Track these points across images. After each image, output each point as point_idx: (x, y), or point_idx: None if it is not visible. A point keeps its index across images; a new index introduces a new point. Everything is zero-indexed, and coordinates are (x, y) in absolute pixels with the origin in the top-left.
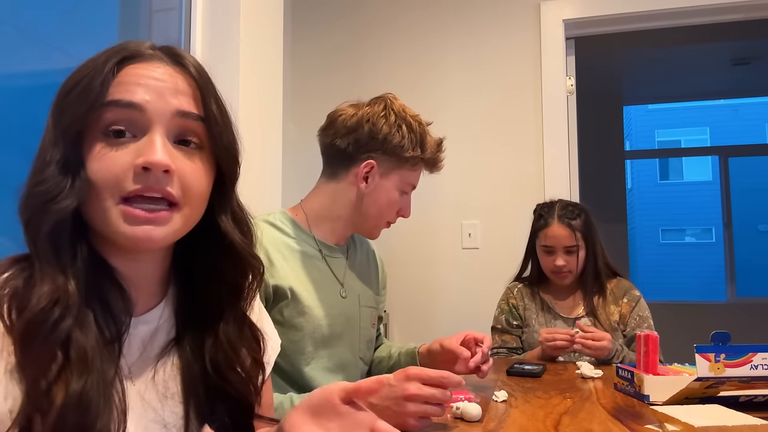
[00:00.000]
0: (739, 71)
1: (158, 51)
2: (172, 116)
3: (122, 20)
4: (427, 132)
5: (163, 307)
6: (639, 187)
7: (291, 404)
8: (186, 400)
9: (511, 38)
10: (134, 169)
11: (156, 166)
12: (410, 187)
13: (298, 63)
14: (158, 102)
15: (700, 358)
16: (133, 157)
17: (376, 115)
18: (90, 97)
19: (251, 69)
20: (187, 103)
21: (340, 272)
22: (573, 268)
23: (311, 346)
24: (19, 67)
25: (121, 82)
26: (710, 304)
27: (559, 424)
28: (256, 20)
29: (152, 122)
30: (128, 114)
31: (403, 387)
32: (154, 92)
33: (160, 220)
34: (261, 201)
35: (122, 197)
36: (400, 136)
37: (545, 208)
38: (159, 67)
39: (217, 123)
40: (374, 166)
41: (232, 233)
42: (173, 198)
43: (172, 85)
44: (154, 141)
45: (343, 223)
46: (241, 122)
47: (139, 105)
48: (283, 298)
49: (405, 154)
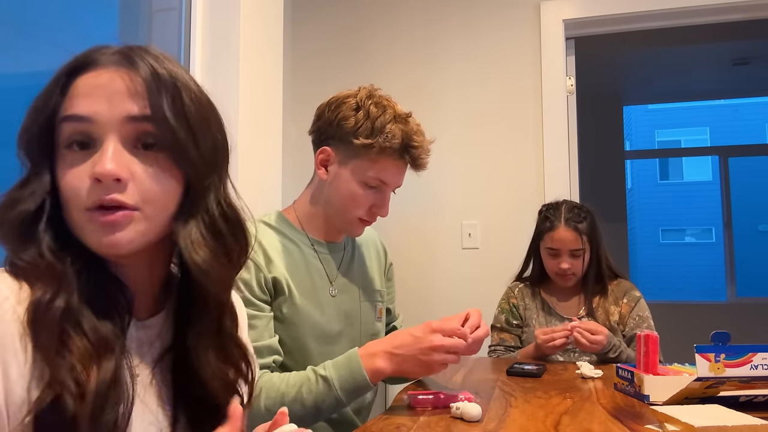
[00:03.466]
0: (739, 71)
1: (114, 55)
2: (123, 122)
3: (122, 20)
4: (391, 121)
5: (165, 315)
6: (639, 187)
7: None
8: (175, 404)
9: (511, 38)
10: (90, 180)
11: (105, 177)
12: (376, 181)
13: (298, 62)
14: (108, 110)
15: (700, 358)
16: (89, 168)
17: (338, 101)
18: (44, 114)
19: (251, 69)
20: (139, 106)
21: (333, 270)
22: (577, 270)
23: (313, 343)
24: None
25: (73, 95)
26: (710, 304)
27: (559, 424)
28: (256, 20)
29: (105, 131)
30: (82, 126)
31: (429, 339)
32: (104, 101)
33: (122, 223)
34: (261, 201)
35: (86, 207)
36: (353, 122)
37: (551, 209)
38: (110, 71)
39: (167, 122)
40: (330, 154)
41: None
42: (128, 206)
43: (118, 89)
44: (105, 151)
45: (323, 218)
46: (241, 122)
47: (89, 117)
48: (281, 293)
49: (355, 141)
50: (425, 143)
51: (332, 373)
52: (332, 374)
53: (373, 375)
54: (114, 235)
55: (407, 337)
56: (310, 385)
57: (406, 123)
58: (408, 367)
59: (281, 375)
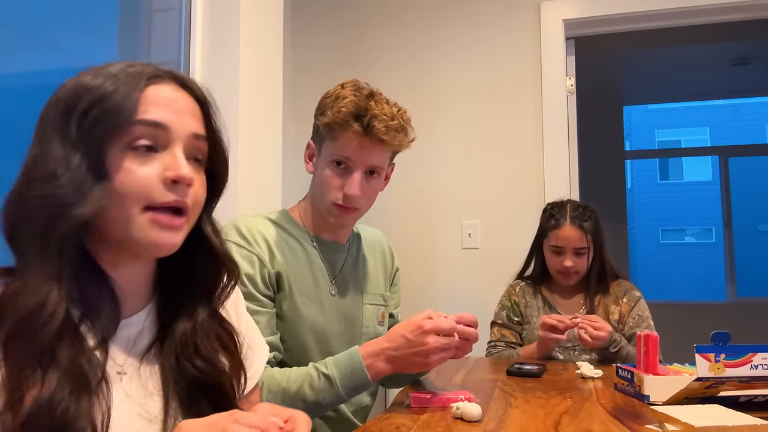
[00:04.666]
0: (739, 71)
1: (168, 74)
2: (189, 137)
3: (122, 20)
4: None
5: (149, 310)
6: (639, 187)
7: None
8: (165, 394)
9: (511, 38)
10: (164, 181)
11: (184, 180)
12: (342, 160)
13: (298, 62)
14: (179, 123)
15: (700, 358)
16: (160, 170)
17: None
18: (125, 112)
19: (251, 69)
20: (198, 125)
21: (335, 269)
22: (580, 269)
23: (312, 341)
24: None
25: (148, 102)
26: (710, 304)
27: (559, 424)
28: (256, 20)
29: (174, 140)
30: (154, 131)
31: (423, 342)
32: (175, 113)
33: (178, 227)
34: (261, 201)
35: (145, 206)
36: (321, 107)
37: (556, 207)
38: (175, 89)
39: (220, 143)
40: (312, 147)
41: (213, 239)
42: (188, 208)
43: (188, 108)
44: (178, 157)
45: (317, 214)
46: (241, 122)
47: (165, 125)
48: (282, 289)
49: (318, 122)
50: (381, 112)
51: (334, 371)
52: (334, 372)
53: (375, 375)
54: (173, 238)
55: (402, 340)
56: (312, 381)
57: (362, 96)
58: (407, 367)
59: (282, 370)
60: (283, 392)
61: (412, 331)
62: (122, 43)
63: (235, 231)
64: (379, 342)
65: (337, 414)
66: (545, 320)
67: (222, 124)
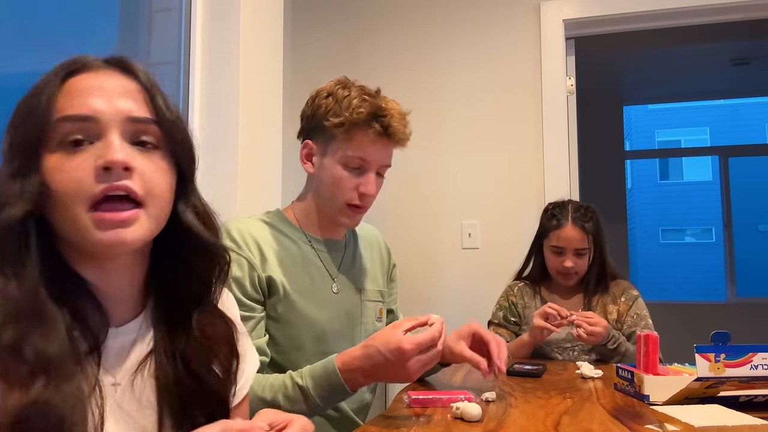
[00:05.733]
0: (739, 71)
1: (106, 63)
2: (124, 121)
3: (122, 20)
4: (357, 97)
5: (143, 319)
6: (639, 187)
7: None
8: (160, 406)
9: (511, 38)
10: (95, 171)
11: (116, 164)
12: (357, 160)
13: (298, 62)
14: (109, 109)
15: (700, 358)
16: (93, 160)
17: (313, 96)
18: (38, 114)
19: (251, 69)
20: (137, 108)
21: (334, 268)
22: (581, 270)
23: (309, 342)
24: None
25: (71, 94)
26: (710, 304)
27: (559, 424)
28: (256, 20)
29: (107, 128)
30: (82, 126)
31: (406, 366)
32: (104, 100)
33: (130, 221)
34: (261, 201)
35: (90, 204)
36: (324, 108)
37: (557, 208)
38: (106, 75)
39: (170, 122)
40: (312, 146)
41: (194, 225)
42: (137, 195)
43: (121, 91)
44: (111, 142)
45: (317, 214)
46: (241, 122)
47: (92, 117)
48: (275, 293)
49: (327, 123)
50: (396, 111)
51: (309, 383)
52: (309, 383)
53: (353, 387)
54: (123, 232)
55: (380, 358)
56: (286, 392)
57: (374, 96)
58: (386, 380)
59: (259, 377)
60: (259, 401)
61: (392, 353)
62: (122, 43)
63: (226, 234)
64: (357, 355)
65: (339, 413)
66: (544, 310)
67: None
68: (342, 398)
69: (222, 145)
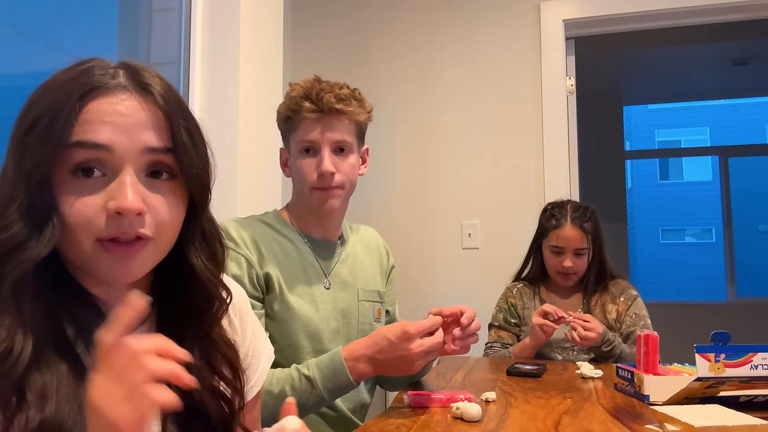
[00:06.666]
0: (739, 71)
1: (122, 78)
2: (141, 153)
3: (122, 20)
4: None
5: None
6: (639, 187)
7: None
8: (163, 420)
9: (511, 38)
10: (107, 212)
11: (128, 212)
12: (306, 143)
13: (298, 62)
14: (126, 140)
15: (700, 358)
16: (104, 199)
17: None
18: (53, 138)
19: (251, 69)
20: (155, 137)
21: (329, 267)
22: (579, 270)
23: (305, 341)
24: (19, 67)
25: (86, 120)
26: (710, 304)
27: (559, 424)
28: (256, 20)
29: (121, 161)
30: (96, 154)
31: (406, 347)
32: (121, 130)
33: (135, 255)
34: (261, 201)
35: (98, 238)
36: (279, 113)
37: (557, 208)
38: (124, 99)
39: (188, 153)
40: (283, 152)
41: (198, 266)
42: (146, 237)
43: (139, 120)
44: (125, 183)
45: (303, 212)
46: (241, 122)
47: (107, 146)
48: (272, 290)
49: (279, 123)
50: (330, 86)
51: (316, 373)
52: (316, 374)
53: (357, 377)
54: (129, 265)
55: (385, 343)
56: (293, 383)
57: (311, 80)
58: (390, 370)
59: None
60: (265, 394)
61: (395, 334)
62: (122, 43)
63: (224, 233)
64: (363, 343)
65: (336, 412)
66: (543, 308)
67: (196, 130)
68: (345, 391)
69: (222, 145)
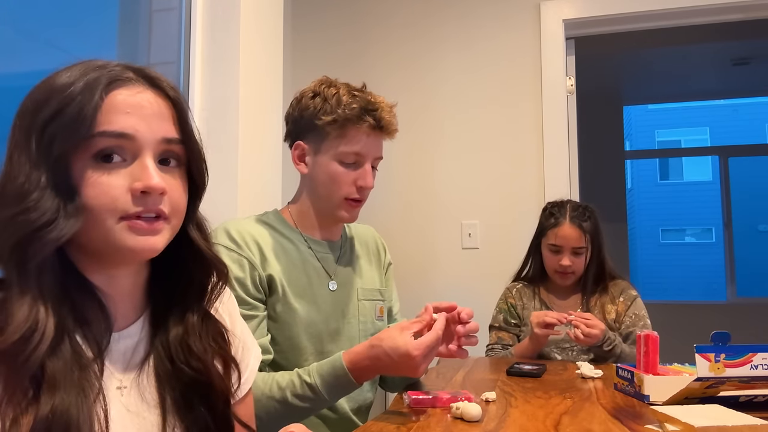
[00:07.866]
0: (739, 71)
1: (131, 73)
2: (159, 142)
3: (122, 20)
4: (345, 94)
5: (144, 321)
6: (639, 187)
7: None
8: (162, 403)
9: (511, 38)
10: (132, 192)
11: (154, 190)
12: (351, 156)
13: (298, 62)
14: (146, 129)
15: (700, 358)
16: (128, 180)
17: (297, 98)
18: (80, 127)
19: (251, 69)
20: (169, 128)
21: (331, 267)
22: (578, 269)
23: (307, 342)
24: (19, 67)
25: (110, 110)
26: (710, 304)
27: (559, 424)
28: (256, 20)
29: (141, 148)
30: (118, 142)
31: (416, 363)
32: (142, 120)
33: (158, 231)
34: (261, 201)
35: (121, 216)
36: (313, 107)
37: (556, 207)
38: (140, 92)
39: (196, 144)
40: (303, 147)
41: (198, 240)
42: (165, 215)
43: (156, 111)
44: (147, 166)
45: (314, 213)
46: (241, 122)
47: (130, 135)
48: (275, 292)
49: (319, 122)
50: (385, 104)
51: (317, 380)
52: (317, 381)
53: (360, 381)
54: (153, 239)
55: (388, 360)
56: (294, 389)
57: (362, 91)
58: (393, 375)
59: (266, 376)
60: (267, 399)
61: (400, 357)
62: (122, 43)
63: (225, 234)
64: (364, 355)
65: (336, 414)
66: (545, 320)
67: (194, 123)
68: (349, 392)
69: (222, 145)
